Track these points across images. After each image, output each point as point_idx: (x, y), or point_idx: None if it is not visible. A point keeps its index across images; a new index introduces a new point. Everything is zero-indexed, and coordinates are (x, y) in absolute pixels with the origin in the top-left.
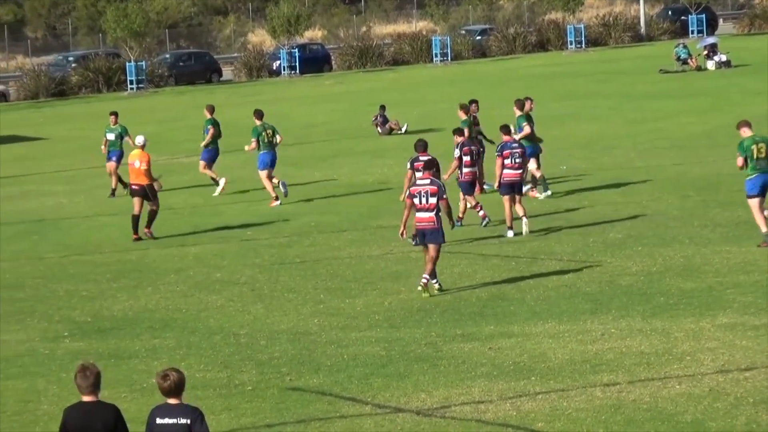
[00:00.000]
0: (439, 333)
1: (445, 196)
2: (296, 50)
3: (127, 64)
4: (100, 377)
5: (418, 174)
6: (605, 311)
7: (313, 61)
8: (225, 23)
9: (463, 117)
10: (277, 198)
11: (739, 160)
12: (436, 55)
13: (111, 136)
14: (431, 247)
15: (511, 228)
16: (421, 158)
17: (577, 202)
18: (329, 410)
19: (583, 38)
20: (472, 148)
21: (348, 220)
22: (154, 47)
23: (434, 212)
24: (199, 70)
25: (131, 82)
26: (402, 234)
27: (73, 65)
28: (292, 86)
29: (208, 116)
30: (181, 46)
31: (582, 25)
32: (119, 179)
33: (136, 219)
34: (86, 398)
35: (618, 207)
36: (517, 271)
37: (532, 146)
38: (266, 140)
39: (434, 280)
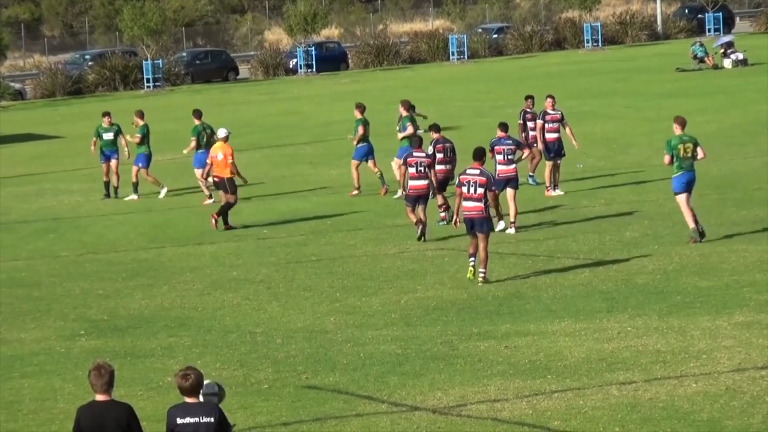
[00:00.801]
0: (456, 331)
1: (493, 188)
2: (313, 48)
3: (144, 62)
4: (114, 376)
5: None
6: (621, 310)
7: (330, 60)
8: (242, 21)
9: (358, 116)
10: (210, 196)
11: (666, 158)
12: (453, 54)
13: (109, 136)
14: (480, 236)
15: (501, 219)
16: (414, 154)
17: (593, 201)
18: (345, 408)
19: (599, 37)
20: (446, 145)
21: (364, 218)
22: (171, 45)
23: (482, 201)
24: (216, 68)
25: (148, 81)
26: (456, 223)
27: (90, 63)
28: (308, 84)
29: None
30: (198, 45)
31: (599, 24)
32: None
33: (227, 209)
34: (99, 397)
35: (634, 205)
36: (534, 270)
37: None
38: (205, 140)
39: (473, 264)
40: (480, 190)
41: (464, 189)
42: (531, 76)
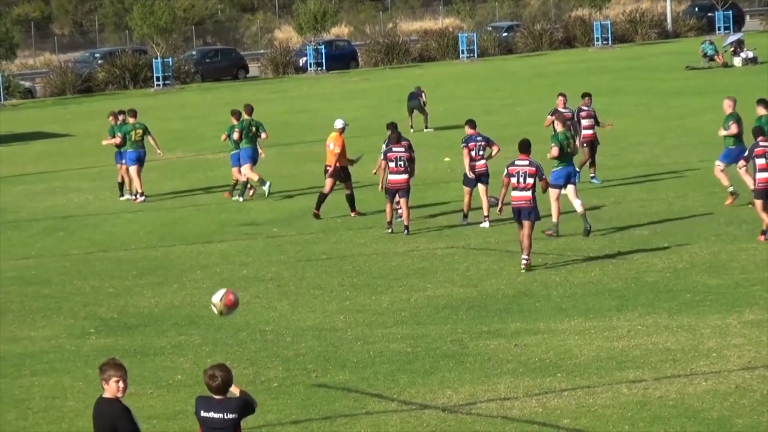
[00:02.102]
0: (465, 330)
1: (543, 177)
2: (323, 47)
3: (154, 60)
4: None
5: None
6: (631, 308)
7: (340, 58)
8: (252, 20)
9: (235, 122)
10: (142, 194)
11: (555, 150)
12: (463, 52)
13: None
14: (526, 224)
15: (466, 216)
16: (394, 149)
17: (603, 199)
18: (355, 407)
19: (609, 35)
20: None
21: (374, 216)
22: (181, 44)
23: (531, 191)
24: (226, 66)
25: (158, 79)
26: (500, 210)
27: (100, 62)
28: (318, 83)
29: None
30: (208, 43)
31: (608, 22)
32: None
33: (322, 197)
34: (107, 395)
35: (644, 204)
36: (543, 268)
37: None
38: (133, 138)
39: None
40: (529, 180)
41: (513, 179)
42: (541, 74)
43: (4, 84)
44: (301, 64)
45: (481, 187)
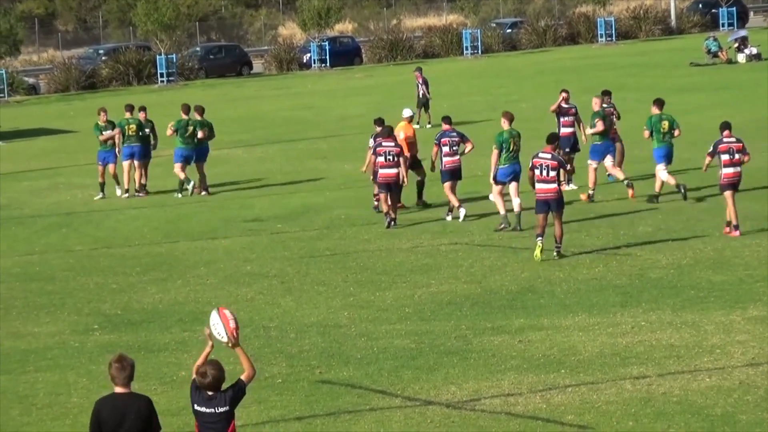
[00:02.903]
0: (469, 326)
1: (568, 166)
2: (326, 43)
3: (158, 57)
4: (134, 369)
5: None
6: (635, 304)
7: (344, 54)
8: (256, 16)
9: (183, 116)
10: (126, 191)
11: (495, 154)
12: (467, 48)
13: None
14: (555, 214)
15: (450, 212)
16: (383, 144)
17: (607, 195)
18: (359, 403)
19: (613, 31)
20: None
21: (378, 213)
22: (185, 40)
23: (556, 183)
24: (230, 63)
25: (162, 75)
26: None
27: (104, 58)
28: (322, 79)
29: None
30: (212, 39)
31: (612, 18)
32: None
33: (420, 184)
34: (119, 390)
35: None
36: (547, 264)
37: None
38: (127, 133)
39: (542, 241)
40: (552, 173)
41: (537, 172)
42: (544, 70)
43: (8, 80)
44: (304, 61)
45: (452, 183)
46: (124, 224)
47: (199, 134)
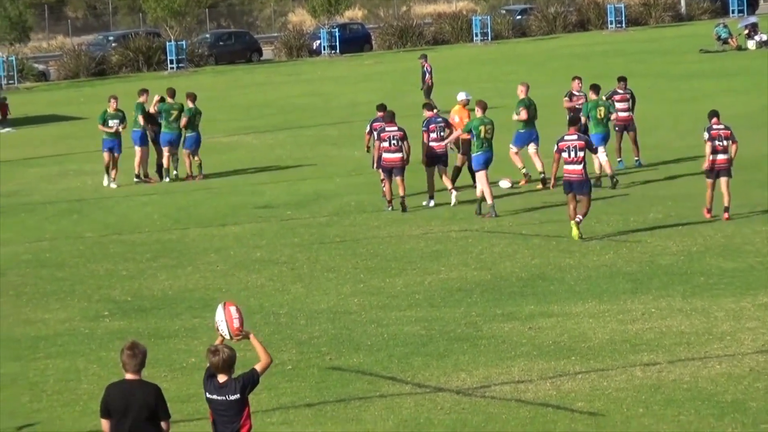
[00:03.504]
0: (479, 312)
1: (594, 146)
2: (336, 30)
3: (168, 43)
4: (146, 356)
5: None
6: (645, 291)
7: (354, 41)
8: (266, 3)
9: (190, 104)
10: (137, 176)
11: (464, 136)
12: (477, 35)
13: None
14: (581, 196)
15: (432, 198)
16: (387, 129)
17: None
18: (369, 389)
19: (623, 18)
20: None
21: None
22: (195, 27)
23: (582, 165)
24: (240, 49)
25: (171, 62)
26: (552, 186)
27: (114, 45)
28: (332, 66)
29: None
30: (222, 26)
31: (622, 5)
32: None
33: (457, 170)
34: (129, 376)
35: (657, 187)
36: (557, 251)
37: None
38: (134, 118)
39: (578, 221)
40: (580, 154)
41: (564, 154)
42: (554, 57)
43: (18, 67)
44: (314, 47)
45: (439, 167)
46: (135, 211)
47: (182, 121)
